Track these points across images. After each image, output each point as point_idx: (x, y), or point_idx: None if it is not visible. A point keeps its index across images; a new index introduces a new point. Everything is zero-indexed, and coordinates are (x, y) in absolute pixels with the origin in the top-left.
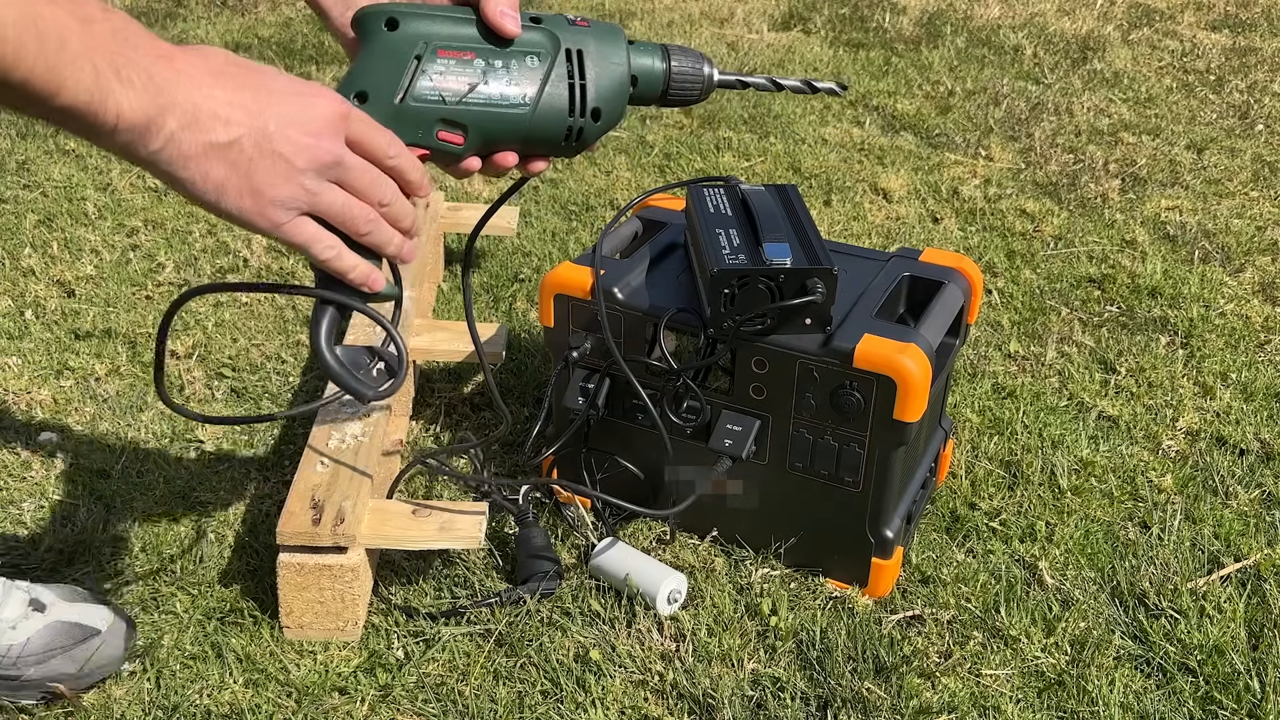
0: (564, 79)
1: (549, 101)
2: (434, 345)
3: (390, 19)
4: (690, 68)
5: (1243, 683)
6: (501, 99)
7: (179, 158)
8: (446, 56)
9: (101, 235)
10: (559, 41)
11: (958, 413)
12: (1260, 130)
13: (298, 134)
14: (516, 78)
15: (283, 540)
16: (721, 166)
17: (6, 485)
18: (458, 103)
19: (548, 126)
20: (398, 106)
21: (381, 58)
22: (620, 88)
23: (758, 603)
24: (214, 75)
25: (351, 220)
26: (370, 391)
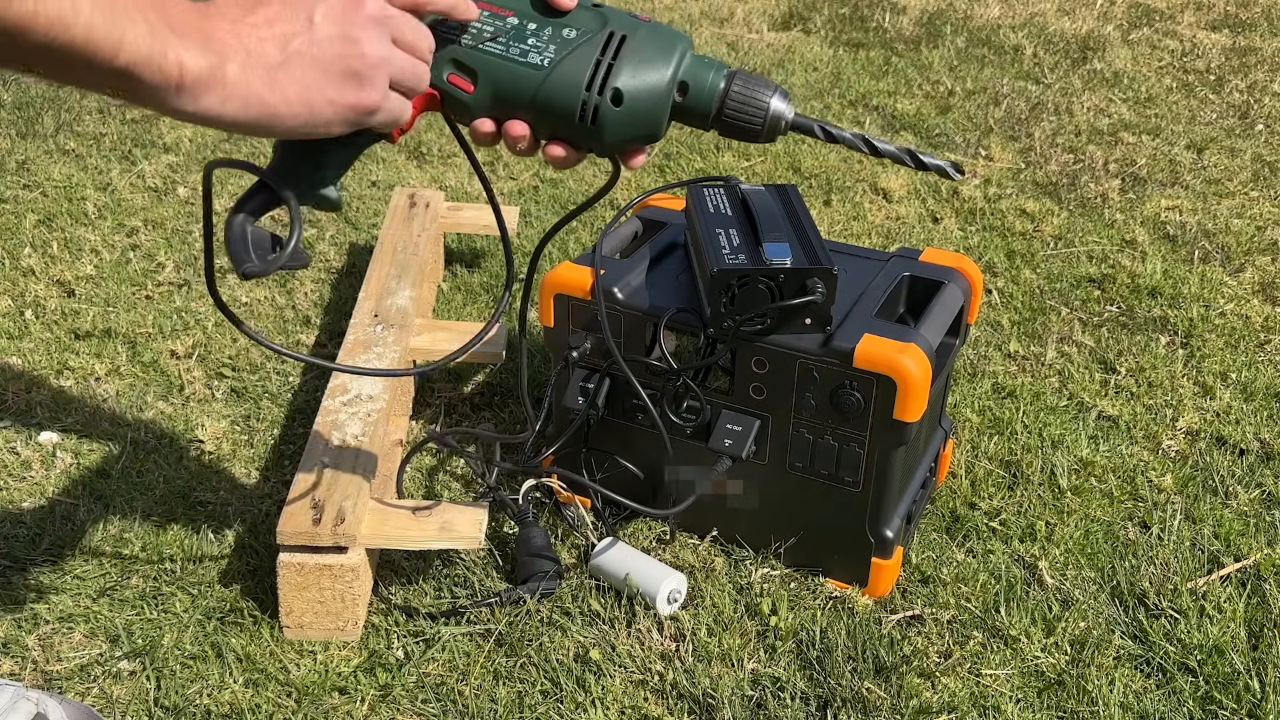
0: (593, 55)
1: (567, 68)
2: (434, 345)
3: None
4: (754, 95)
5: (1243, 683)
6: (519, 54)
7: (253, 97)
8: (485, 8)
9: (101, 235)
10: (606, 23)
11: (958, 413)
12: (1260, 130)
13: (341, 11)
14: (545, 42)
15: (283, 540)
16: (721, 166)
17: (6, 485)
18: (473, 46)
19: (559, 95)
20: None
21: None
22: (657, 85)
23: (758, 602)
24: (243, 6)
25: (419, 80)
26: (250, 266)
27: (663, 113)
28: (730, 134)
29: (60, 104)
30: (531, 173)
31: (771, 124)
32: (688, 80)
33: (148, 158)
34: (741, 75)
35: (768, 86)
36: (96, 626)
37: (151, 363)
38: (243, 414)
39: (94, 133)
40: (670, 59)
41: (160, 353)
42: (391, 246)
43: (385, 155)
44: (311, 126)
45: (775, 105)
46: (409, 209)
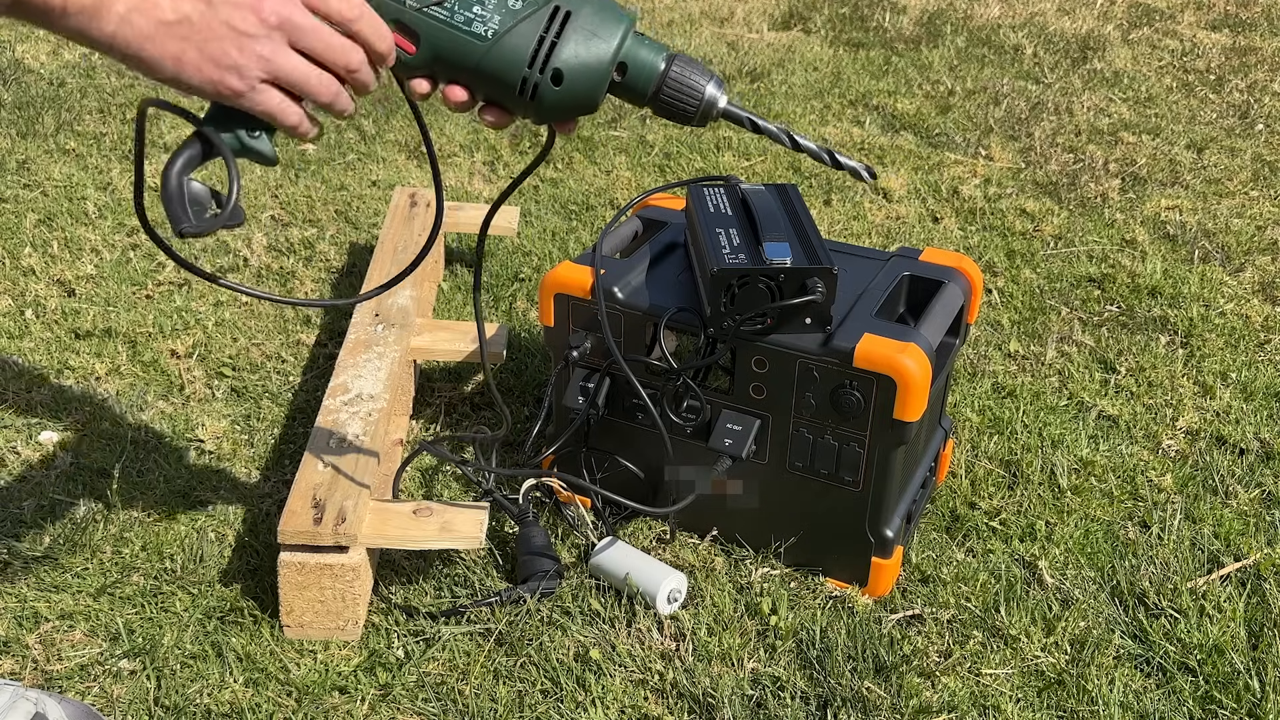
0: (537, 31)
1: (510, 43)
2: (434, 345)
3: None
4: (691, 80)
5: (1242, 682)
6: (463, 23)
7: (135, 38)
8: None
9: (102, 235)
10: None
11: (958, 412)
12: (1260, 130)
13: (244, 2)
14: (490, 11)
15: (284, 539)
16: (721, 166)
17: (6, 485)
18: (419, 9)
19: (501, 69)
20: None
21: None
22: (597, 64)
23: (758, 602)
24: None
25: (312, 89)
26: (187, 226)
27: (600, 90)
28: (664, 114)
29: (61, 104)
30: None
31: (705, 109)
32: (627, 61)
33: (148, 157)
34: (681, 59)
35: (704, 73)
36: (97, 625)
37: (151, 362)
38: (243, 413)
39: (94, 132)
40: (612, 40)
41: (160, 352)
42: (392, 246)
43: (385, 155)
44: (182, 87)
45: (710, 91)
46: (409, 208)
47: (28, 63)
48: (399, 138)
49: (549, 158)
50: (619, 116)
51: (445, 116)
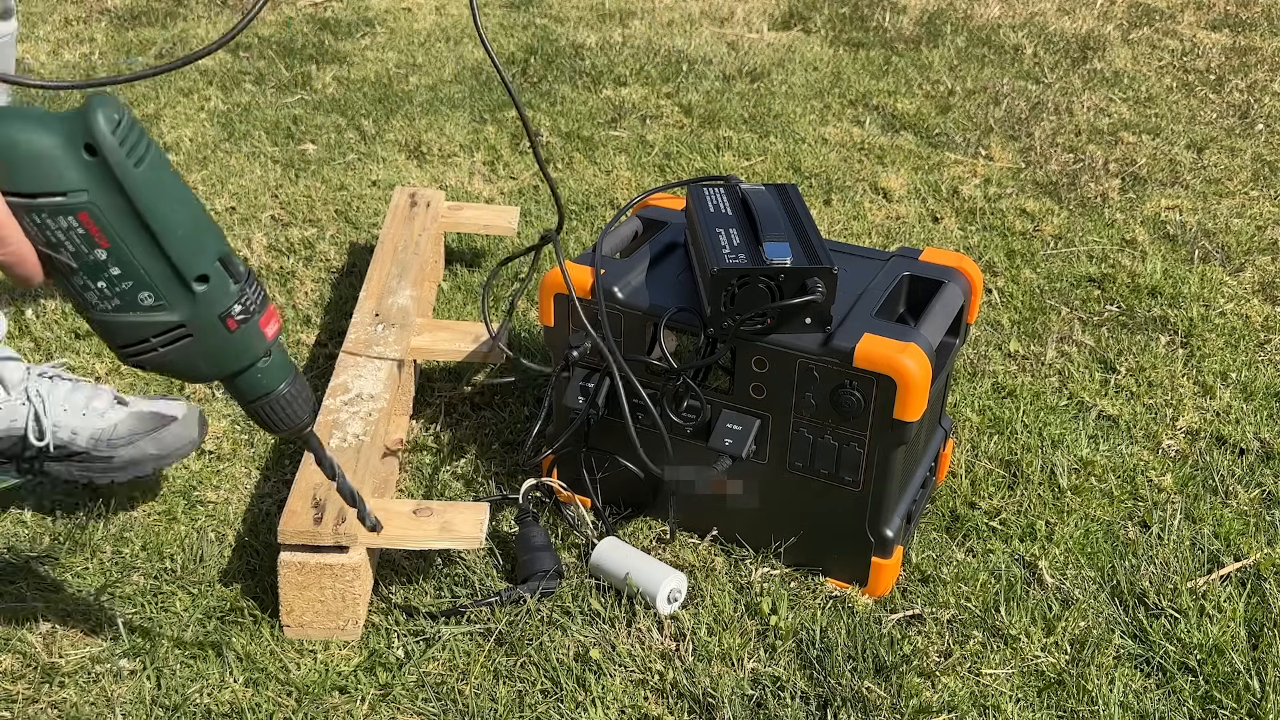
0: (147, 334)
1: (115, 325)
2: (434, 345)
3: None
4: (287, 412)
5: (1242, 682)
6: (80, 286)
7: None
8: (86, 225)
9: None
10: (191, 312)
11: (958, 412)
12: (1260, 130)
13: None
14: (112, 294)
15: (284, 539)
16: (721, 166)
17: None
18: (49, 248)
19: (102, 332)
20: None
21: None
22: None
23: (758, 602)
24: None
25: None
26: None
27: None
28: (254, 420)
29: (61, 104)
30: (532, 172)
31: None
32: (233, 386)
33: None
34: (285, 400)
35: (305, 407)
36: (97, 625)
37: None
38: (243, 413)
39: None
40: (222, 373)
41: None
42: (392, 246)
43: (385, 155)
44: None
45: (306, 419)
46: (409, 208)
47: (28, 62)
48: (399, 138)
49: (549, 157)
50: (619, 116)
51: (445, 116)
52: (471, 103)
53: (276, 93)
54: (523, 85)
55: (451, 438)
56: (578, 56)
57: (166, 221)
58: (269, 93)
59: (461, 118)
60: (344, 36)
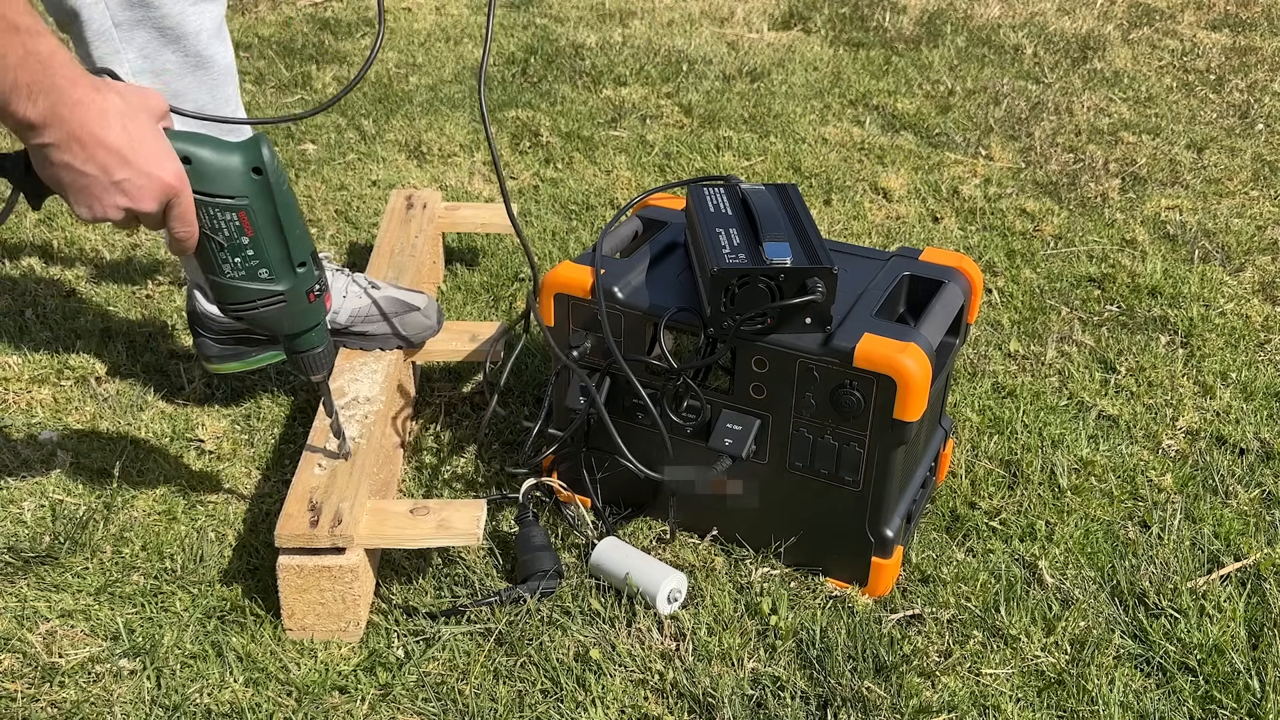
0: (257, 293)
1: (231, 290)
2: (434, 345)
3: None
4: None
5: (1242, 682)
6: (217, 250)
7: (46, 161)
8: (237, 216)
9: (102, 235)
10: (292, 287)
11: (958, 412)
12: (1260, 130)
13: (127, 191)
14: (240, 268)
15: (281, 543)
16: (722, 166)
17: (6, 484)
18: (207, 221)
19: (214, 292)
20: None
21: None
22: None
23: (758, 602)
24: (100, 118)
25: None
26: None
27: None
28: (296, 367)
29: None
30: (532, 172)
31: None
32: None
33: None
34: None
35: (331, 362)
36: (97, 624)
37: (152, 363)
38: (243, 413)
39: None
40: (293, 330)
41: (160, 353)
42: (389, 249)
43: (385, 155)
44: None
45: (330, 370)
46: (406, 210)
47: None
48: (399, 137)
49: (550, 156)
50: (619, 116)
51: (445, 116)
52: (471, 103)
53: (276, 92)
54: (523, 85)
55: (451, 438)
56: (578, 56)
57: (291, 224)
58: (269, 92)
59: (461, 118)
60: (344, 36)
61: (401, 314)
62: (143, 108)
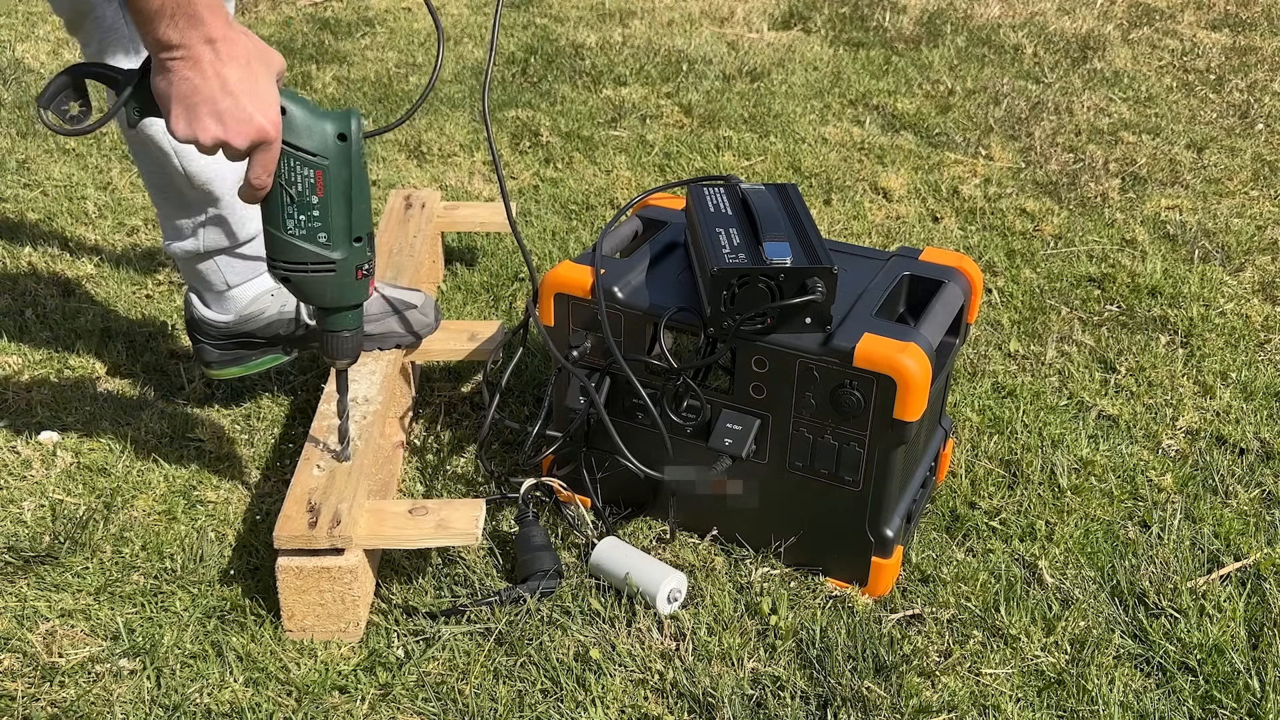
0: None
1: (290, 247)
2: (432, 344)
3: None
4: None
5: (1242, 681)
6: (288, 202)
7: (168, 72)
8: (312, 170)
9: (102, 234)
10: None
11: (958, 412)
12: (1260, 129)
13: (225, 120)
14: (304, 227)
15: (280, 544)
16: (722, 165)
17: (7, 484)
18: (280, 177)
19: (270, 243)
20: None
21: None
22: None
23: (758, 602)
24: (229, 49)
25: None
26: (43, 101)
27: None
28: (325, 346)
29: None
30: (532, 172)
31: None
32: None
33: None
34: (353, 339)
35: (359, 349)
36: (97, 624)
37: (152, 363)
38: (243, 413)
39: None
40: (335, 304)
41: (160, 353)
42: (388, 249)
43: (385, 155)
44: (169, 117)
45: (356, 357)
46: (405, 210)
47: (28, 62)
48: (399, 137)
49: (550, 156)
50: (619, 116)
51: (445, 116)
52: (471, 103)
53: None
54: (523, 85)
55: (451, 438)
56: (578, 56)
57: (360, 195)
58: None
59: (461, 117)
60: (344, 36)
61: (401, 312)
62: (265, 58)
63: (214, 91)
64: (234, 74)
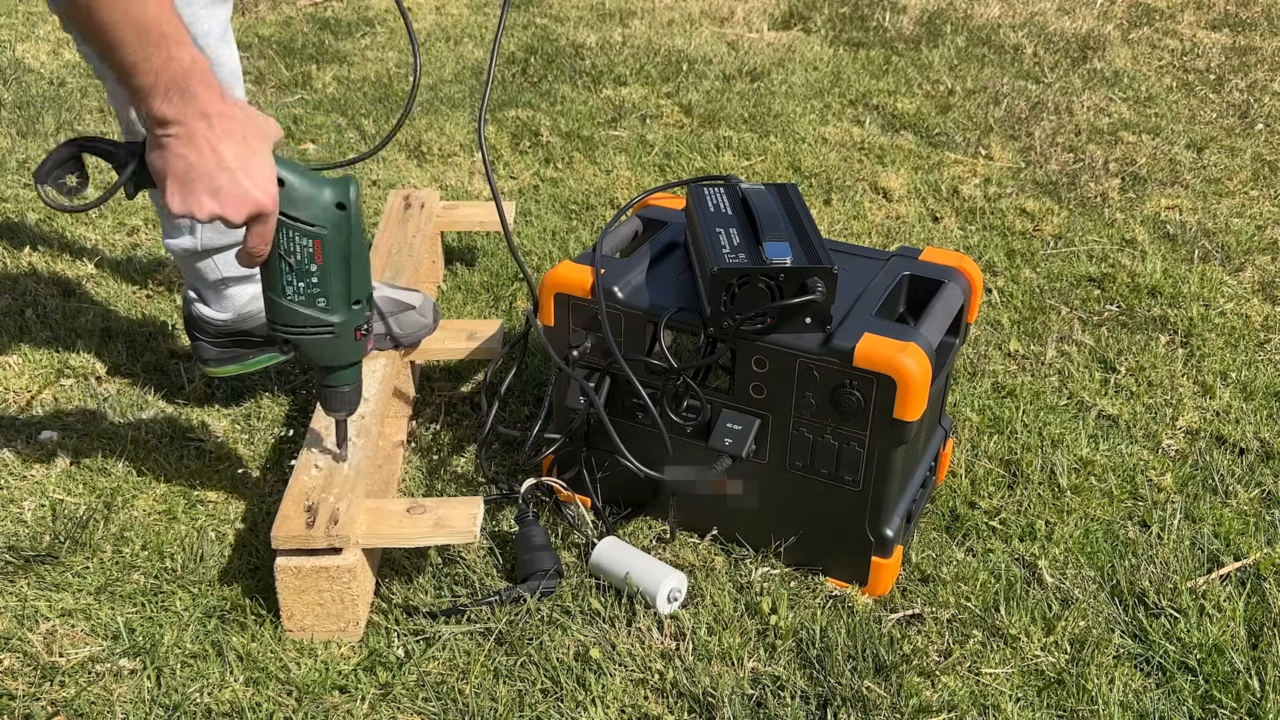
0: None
1: (286, 312)
2: (431, 344)
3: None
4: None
5: (1242, 681)
6: (285, 272)
7: (162, 150)
8: (310, 241)
9: (102, 234)
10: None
11: (958, 412)
12: (1260, 129)
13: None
14: (302, 294)
15: (278, 544)
16: (722, 165)
17: (7, 484)
18: (278, 247)
19: (270, 311)
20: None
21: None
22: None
23: (758, 601)
24: (223, 126)
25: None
26: (41, 174)
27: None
28: (324, 399)
29: (61, 103)
30: (532, 172)
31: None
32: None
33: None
34: (350, 393)
35: (357, 401)
36: (97, 624)
37: (152, 363)
38: (243, 413)
39: (95, 132)
40: (332, 364)
41: (160, 353)
42: (386, 249)
43: (385, 155)
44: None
45: (354, 410)
46: (404, 210)
47: (28, 62)
48: (399, 137)
49: (550, 156)
50: (619, 116)
51: (445, 116)
52: (471, 103)
53: (277, 92)
54: (523, 85)
55: (451, 438)
56: (578, 56)
57: (358, 261)
58: (269, 92)
59: (461, 118)
60: (344, 36)
61: (397, 313)
62: (261, 131)
63: (210, 168)
64: (230, 150)
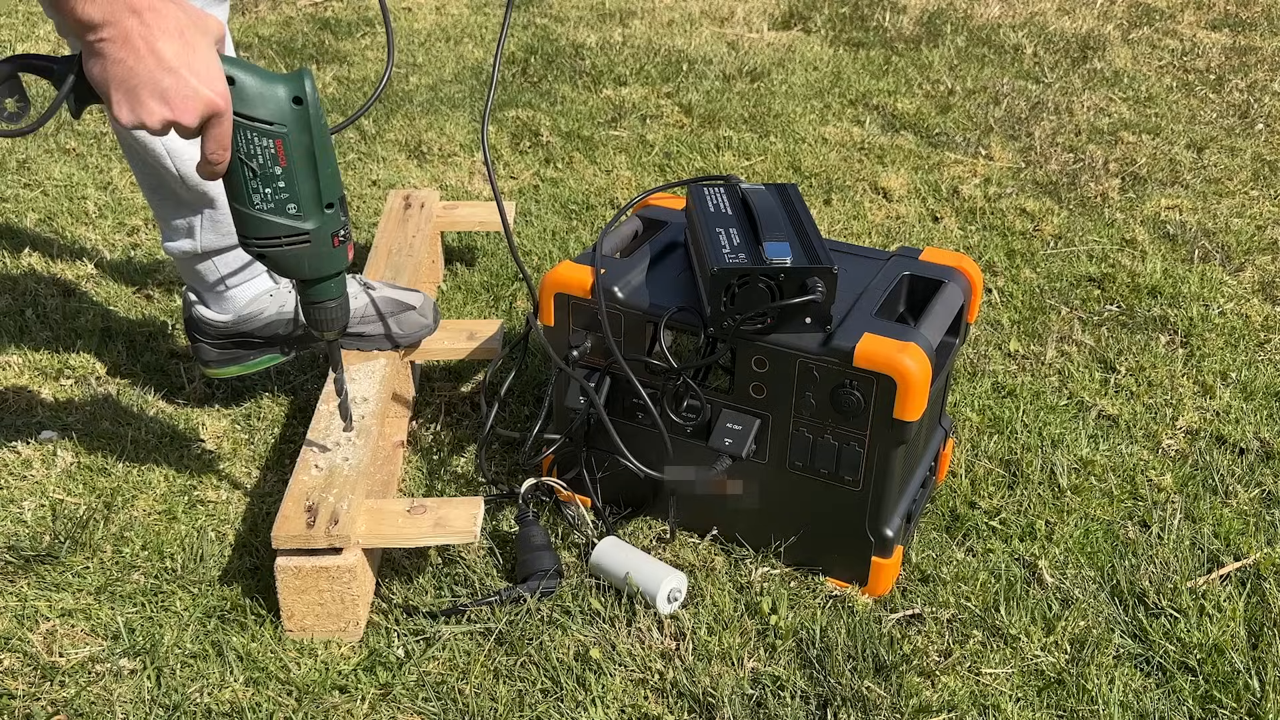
0: (277, 241)
1: (257, 222)
2: (431, 344)
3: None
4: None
5: (1242, 681)
6: (250, 177)
7: (99, 57)
8: (273, 142)
9: (102, 234)
10: (316, 232)
11: (958, 412)
12: (1260, 129)
13: (170, 99)
14: (270, 200)
15: (278, 544)
16: (722, 165)
17: (7, 484)
18: (240, 147)
19: (239, 220)
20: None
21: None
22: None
23: (758, 601)
24: (159, 23)
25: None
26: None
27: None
28: (311, 319)
29: None
30: (532, 172)
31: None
32: (312, 288)
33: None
34: (338, 308)
35: (347, 318)
36: (97, 624)
37: (152, 363)
38: (243, 413)
39: (94, 132)
40: (314, 275)
41: (160, 353)
42: (386, 249)
43: (385, 155)
44: (107, 99)
45: (345, 326)
46: (404, 210)
47: None
48: (399, 137)
49: (550, 156)
50: (619, 116)
51: (445, 116)
52: (471, 102)
53: None
54: (523, 85)
55: (451, 438)
56: (578, 56)
57: (325, 161)
58: None
59: (461, 117)
60: (344, 36)
61: (397, 313)
62: (200, 25)
63: (151, 70)
64: (169, 47)
